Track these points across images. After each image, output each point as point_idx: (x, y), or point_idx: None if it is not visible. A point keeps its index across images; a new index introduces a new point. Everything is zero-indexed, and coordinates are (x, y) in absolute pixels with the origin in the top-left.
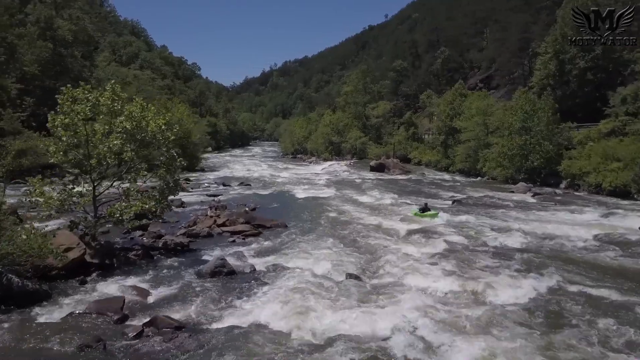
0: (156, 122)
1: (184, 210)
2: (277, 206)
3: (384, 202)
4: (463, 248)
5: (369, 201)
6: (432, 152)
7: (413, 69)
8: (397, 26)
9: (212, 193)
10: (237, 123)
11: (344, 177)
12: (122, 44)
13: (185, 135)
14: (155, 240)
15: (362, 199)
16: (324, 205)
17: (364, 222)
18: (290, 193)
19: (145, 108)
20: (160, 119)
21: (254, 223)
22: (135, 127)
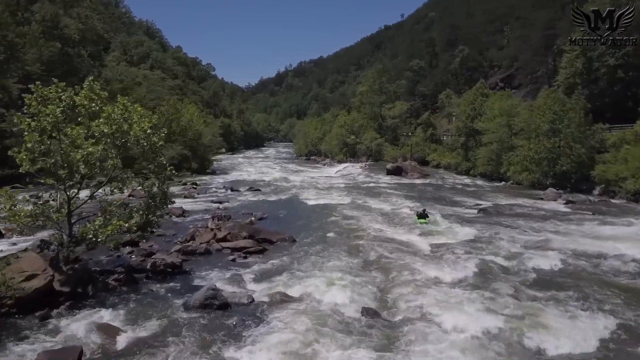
0: (140, 125)
1: (185, 220)
2: (287, 215)
3: (402, 211)
4: (497, 271)
5: (387, 209)
6: (451, 155)
7: (430, 69)
8: (413, 25)
9: (218, 200)
10: (251, 124)
11: (359, 181)
12: (134, 44)
13: (195, 136)
14: (144, 259)
15: (379, 206)
16: (337, 215)
17: (381, 235)
18: (301, 199)
19: (129, 109)
20: (145, 122)
21: (258, 237)
22: (115, 131)
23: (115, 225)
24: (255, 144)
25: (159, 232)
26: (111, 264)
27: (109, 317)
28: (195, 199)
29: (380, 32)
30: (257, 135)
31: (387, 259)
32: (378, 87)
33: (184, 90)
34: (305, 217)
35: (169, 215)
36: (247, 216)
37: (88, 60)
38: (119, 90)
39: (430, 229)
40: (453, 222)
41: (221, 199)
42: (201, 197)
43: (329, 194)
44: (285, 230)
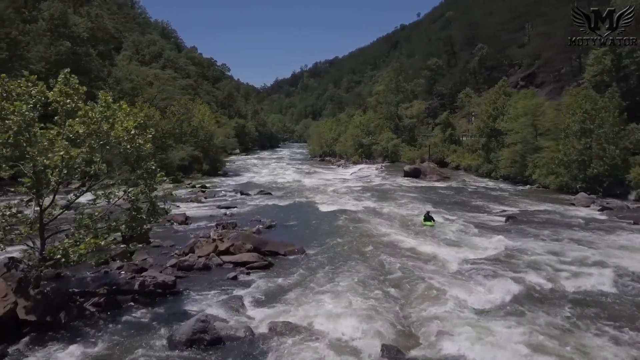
0: (123, 124)
1: (187, 228)
2: (297, 222)
3: (420, 218)
4: (535, 294)
5: (405, 216)
6: (471, 156)
7: (448, 67)
8: (429, 25)
9: (226, 204)
10: (266, 124)
11: (375, 184)
12: (146, 43)
13: (206, 137)
14: (134, 276)
15: (397, 213)
16: (352, 222)
17: (401, 246)
18: (314, 204)
19: (112, 106)
20: (129, 122)
21: (264, 249)
22: (93, 132)
23: (88, 242)
24: (270, 145)
25: (156, 242)
26: (95, 282)
27: (79, 353)
28: (202, 204)
29: (397, 32)
30: (271, 136)
31: (409, 278)
32: (395, 86)
33: (197, 90)
34: (317, 224)
35: (170, 222)
36: (255, 223)
37: (97, 59)
38: (129, 90)
39: (453, 239)
40: (479, 232)
41: (229, 203)
42: (209, 201)
43: (344, 198)
44: (295, 241)
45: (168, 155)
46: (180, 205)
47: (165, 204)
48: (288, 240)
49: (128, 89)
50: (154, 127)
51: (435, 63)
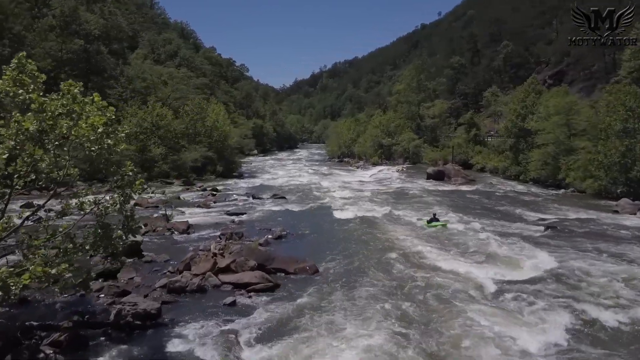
0: (88, 121)
1: (188, 238)
2: (311, 232)
3: (453, 228)
4: (606, 334)
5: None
6: (498, 158)
7: (472, 66)
8: (450, 24)
9: (236, 210)
10: (284, 125)
11: (396, 187)
12: (162, 42)
13: (220, 138)
14: (113, 301)
15: (423, 221)
16: (371, 232)
17: (428, 263)
18: (330, 210)
19: (79, 99)
20: (96, 118)
21: (270, 267)
22: (45, 129)
23: (34, 271)
24: (288, 146)
25: (149, 256)
26: (64, 311)
27: None
28: (210, 209)
29: (417, 31)
30: (290, 136)
31: (441, 307)
32: (416, 85)
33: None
34: (332, 234)
35: (171, 231)
36: (264, 233)
37: (108, 57)
38: (141, 89)
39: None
40: (516, 244)
41: (239, 209)
42: (218, 206)
43: (363, 203)
44: (307, 255)
45: (180, 157)
46: (186, 211)
47: (167, 210)
48: (299, 254)
49: (140, 88)
50: (166, 127)
51: (457, 61)
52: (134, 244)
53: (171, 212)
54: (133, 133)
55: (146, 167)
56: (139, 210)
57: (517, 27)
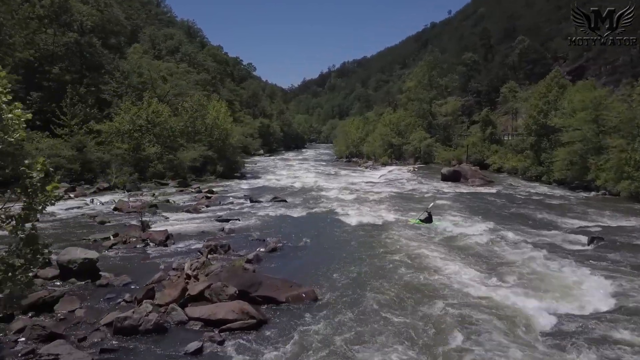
0: None
1: (163, 252)
2: (312, 243)
3: (477, 239)
4: None
5: (454, 234)
6: (516, 157)
7: (485, 62)
8: (461, 22)
9: (228, 216)
10: (291, 125)
11: (409, 189)
12: (162, 38)
13: (220, 136)
14: (33, 349)
15: (443, 229)
16: (384, 244)
17: (456, 287)
18: (335, 216)
19: None
20: None
21: (256, 294)
22: None
23: None
24: (295, 146)
25: (105, 278)
26: None
27: None
28: (199, 215)
29: (426, 30)
30: (297, 136)
31: (479, 356)
32: (428, 82)
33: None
34: (338, 246)
35: (145, 243)
36: (255, 245)
37: (101, 51)
38: (137, 84)
39: (529, 276)
40: (560, 262)
41: (232, 214)
42: (210, 210)
43: (373, 207)
44: (305, 275)
45: (177, 156)
46: (171, 216)
47: (143, 216)
48: (294, 273)
49: (137, 84)
50: (162, 125)
51: (470, 58)
52: (86, 262)
53: (149, 219)
54: (126, 130)
55: (140, 167)
56: (117, 216)
57: (532, 22)
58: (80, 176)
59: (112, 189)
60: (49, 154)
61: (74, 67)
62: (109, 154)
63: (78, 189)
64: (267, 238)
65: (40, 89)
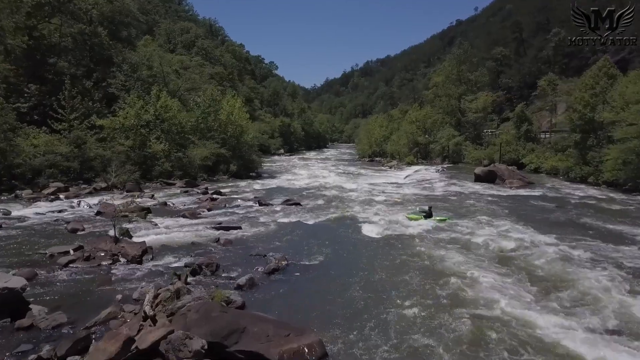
0: None
1: (134, 271)
2: (324, 262)
3: (527, 254)
4: None
5: (498, 246)
6: (557, 157)
7: (516, 57)
8: (488, 19)
9: (228, 223)
10: (313, 124)
11: (440, 191)
12: (179, 32)
13: (235, 133)
14: None
15: (490, 242)
16: (418, 262)
17: (516, 328)
18: (356, 224)
19: None
20: None
21: (234, 349)
22: None
23: None
24: (317, 145)
25: (35, 314)
26: None
27: None
28: (196, 220)
29: (452, 28)
30: (319, 136)
31: None
32: (457, 76)
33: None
34: (358, 268)
35: (114, 259)
36: (253, 263)
37: (107, 42)
38: (146, 78)
39: (619, 313)
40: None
41: (234, 221)
42: (210, 215)
43: (399, 213)
44: (310, 314)
45: (186, 154)
46: (162, 222)
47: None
48: (296, 310)
49: (146, 77)
50: (170, 120)
51: (501, 52)
52: (5, 293)
53: (132, 227)
54: (131, 126)
55: (147, 166)
56: (98, 221)
57: (567, 14)
58: (79, 175)
59: (110, 189)
60: (44, 151)
61: (83, 60)
62: (111, 151)
63: (72, 189)
64: (269, 253)
65: (44, 82)
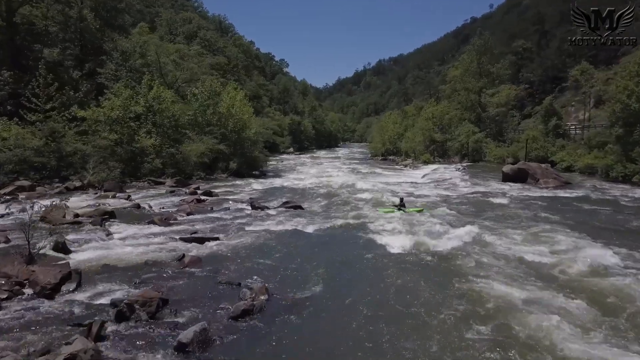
0: None
1: (37, 313)
2: (322, 295)
3: (592, 274)
4: None
5: (562, 268)
6: (592, 154)
7: (538, 50)
8: (503, 16)
9: (202, 233)
10: (324, 122)
11: (464, 192)
12: (181, 22)
13: (234, 128)
14: None
15: (538, 257)
16: (454, 290)
17: None
18: (368, 234)
19: None
20: None
21: None
22: None
23: None
24: (328, 144)
25: None
26: None
27: None
28: (168, 228)
29: (466, 25)
30: (330, 134)
31: None
32: (477, 69)
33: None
34: (372, 305)
35: (14, 291)
36: (222, 296)
37: (94, 26)
38: (138, 67)
39: None
40: None
41: (215, 228)
42: (188, 221)
43: (424, 220)
44: None
45: (180, 150)
46: (124, 230)
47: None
48: None
49: (139, 66)
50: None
51: (522, 45)
52: None
53: (75, 238)
54: (118, 118)
55: (136, 163)
56: (39, 230)
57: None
58: (57, 172)
59: (86, 188)
60: (14, 145)
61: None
62: (91, 145)
63: (40, 188)
64: (245, 281)
65: (24, 70)
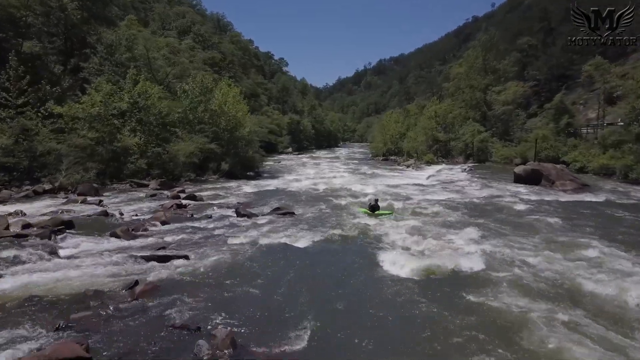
0: None
1: None
2: (309, 346)
3: None
4: None
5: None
6: (607, 154)
7: (544, 47)
8: (505, 15)
9: (172, 248)
10: (324, 122)
11: (474, 195)
12: (174, 17)
13: (227, 126)
14: None
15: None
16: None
17: None
18: (370, 249)
19: None
20: None
21: None
22: None
23: None
24: (327, 144)
25: None
26: None
27: None
28: (131, 241)
29: (468, 24)
30: (330, 134)
31: None
32: (482, 66)
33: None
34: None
35: None
36: (168, 350)
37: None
38: (124, 61)
39: None
40: None
41: (190, 241)
42: (158, 232)
43: (427, 226)
44: None
45: (166, 149)
46: (78, 244)
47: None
48: None
49: (125, 60)
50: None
51: (527, 42)
52: None
53: (11, 256)
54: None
55: (119, 163)
56: None
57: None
58: (29, 174)
59: (57, 191)
60: None
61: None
62: (66, 144)
63: (5, 192)
64: (207, 323)
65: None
